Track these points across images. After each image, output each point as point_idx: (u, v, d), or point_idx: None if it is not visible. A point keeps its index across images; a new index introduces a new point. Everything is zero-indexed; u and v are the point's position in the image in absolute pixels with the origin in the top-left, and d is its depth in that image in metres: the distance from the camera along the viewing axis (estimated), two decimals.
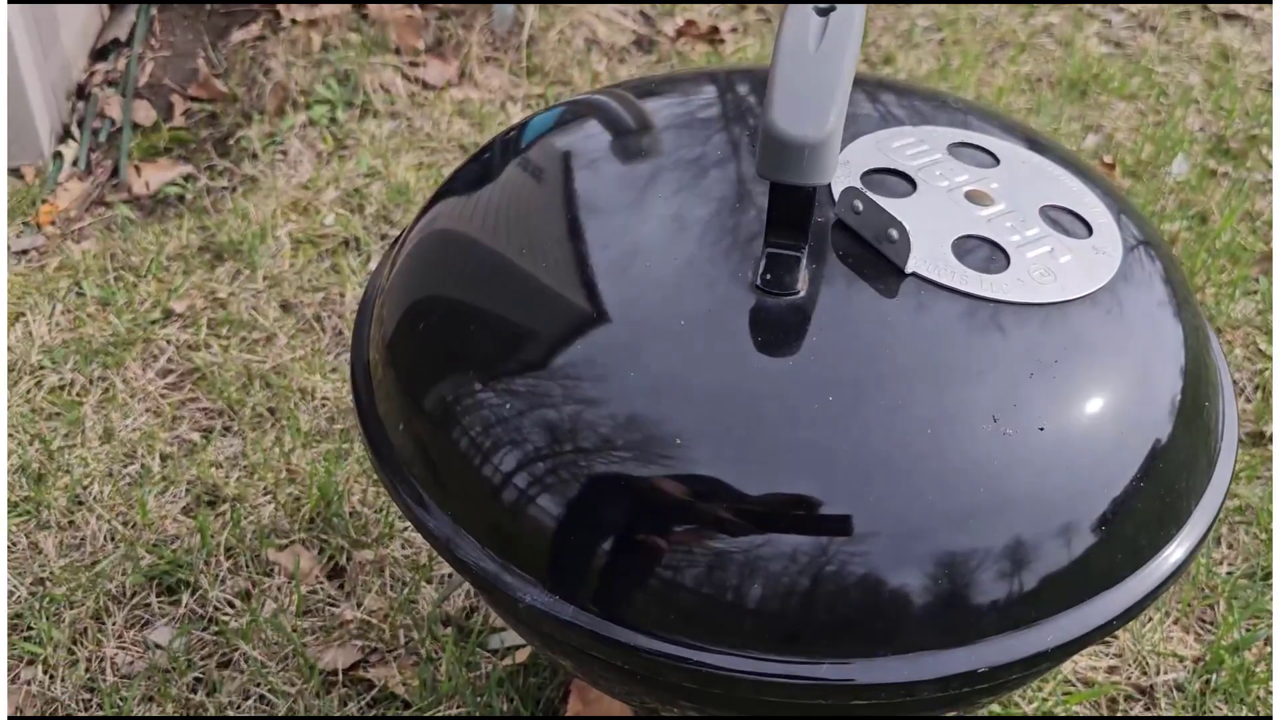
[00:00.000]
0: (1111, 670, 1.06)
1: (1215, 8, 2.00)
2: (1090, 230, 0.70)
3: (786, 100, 0.59)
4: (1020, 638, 0.60)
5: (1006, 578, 0.59)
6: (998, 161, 0.74)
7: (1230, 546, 1.16)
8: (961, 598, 0.58)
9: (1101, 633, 0.61)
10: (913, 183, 0.70)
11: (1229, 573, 1.13)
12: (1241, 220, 1.55)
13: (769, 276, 0.63)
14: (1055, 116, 1.70)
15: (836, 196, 0.67)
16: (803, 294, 0.63)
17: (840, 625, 0.59)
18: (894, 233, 0.64)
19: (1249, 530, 1.17)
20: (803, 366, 0.61)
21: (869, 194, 0.65)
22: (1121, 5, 1.98)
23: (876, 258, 0.65)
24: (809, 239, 0.63)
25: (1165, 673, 1.05)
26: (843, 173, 0.70)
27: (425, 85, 1.75)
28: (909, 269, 0.64)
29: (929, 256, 0.65)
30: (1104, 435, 0.62)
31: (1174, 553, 0.65)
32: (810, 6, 0.64)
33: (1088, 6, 1.97)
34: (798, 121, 0.58)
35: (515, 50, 1.79)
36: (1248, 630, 1.08)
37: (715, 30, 1.83)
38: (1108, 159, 1.61)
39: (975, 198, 0.70)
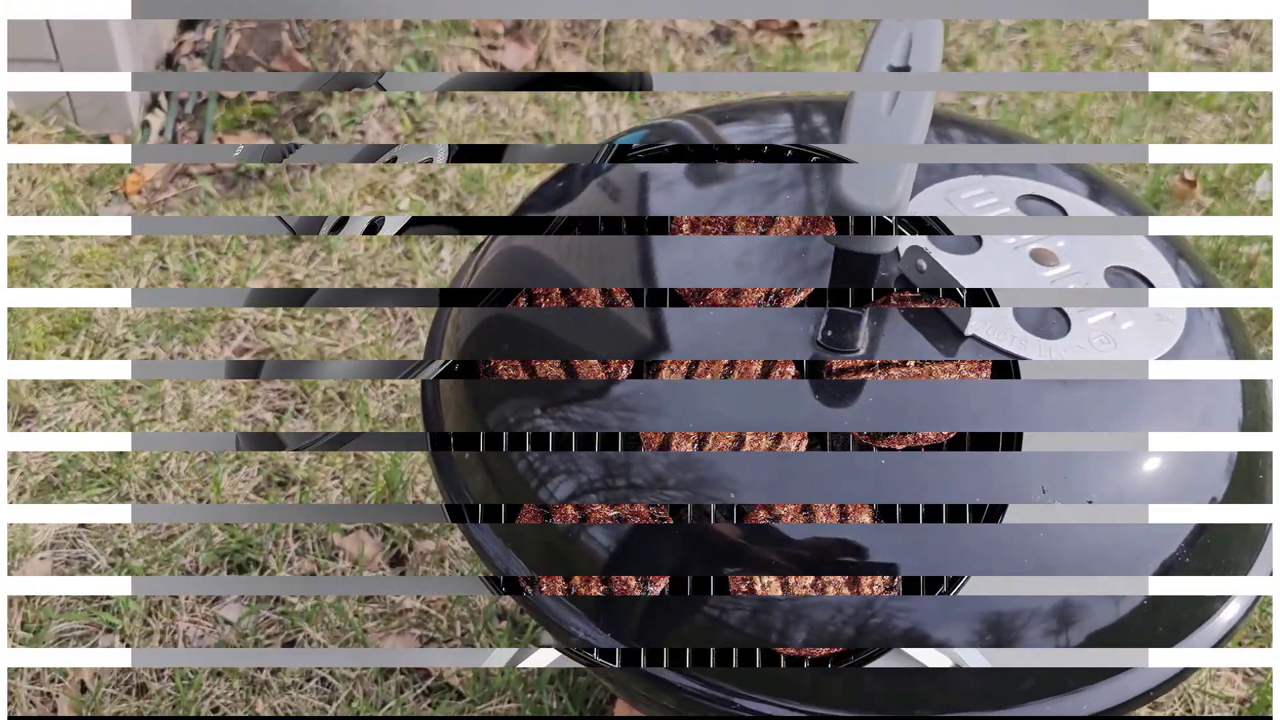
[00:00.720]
0: (1154, 706, 1.06)
1: None
2: None
3: (855, 167, 0.60)
4: (1057, 704, 0.61)
5: (1046, 645, 0.60)
6: (1066, 217, 0.74)
7: None
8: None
9: (1139, 702, 0.62)
10: (979, 238, 0.71)
11: None
12: None
13: (830, 333, 0.64)
14: (1138, 128, 1.67)
15: (902, 252, 0.68)
16: (862, 351, 0.64)
17: (879, 682, 0.60)
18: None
19: None
20: (855, 425, 0.62)
21: (933, 253, 0.66)
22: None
23: (937, 318, 0.66)
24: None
25: (1211, 712, 1.05)
26: None
27: (503, 69, 1.76)
28: (969, 332, 0.65)
29: (989, 319, 0.65)
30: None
31: (1220, 619, 0.66)
32: (884, 66, 0.65)
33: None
34: (865, 190, 0.59)
35: (594, 37, 1.80)
36: None
37: (794, 25, 1.82)
38: (1189, 175, 1.58)
39: (1041, 257, 0.70)
